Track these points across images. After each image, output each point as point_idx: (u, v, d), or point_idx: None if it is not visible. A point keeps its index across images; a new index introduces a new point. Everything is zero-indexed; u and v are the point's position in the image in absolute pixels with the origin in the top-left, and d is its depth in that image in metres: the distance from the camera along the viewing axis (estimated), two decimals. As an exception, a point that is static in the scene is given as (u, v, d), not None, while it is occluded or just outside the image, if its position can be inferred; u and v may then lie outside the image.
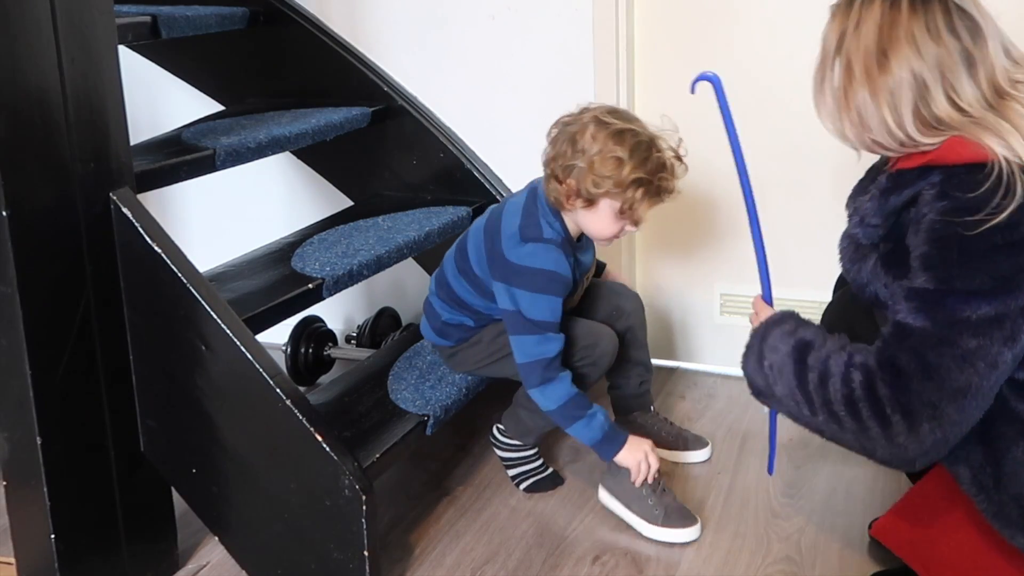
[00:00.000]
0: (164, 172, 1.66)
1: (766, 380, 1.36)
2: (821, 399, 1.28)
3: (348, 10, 2.38)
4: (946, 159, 1.21)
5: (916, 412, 1.20)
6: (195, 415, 1.51)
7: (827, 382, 1.27)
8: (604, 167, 1.60)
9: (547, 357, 1.65)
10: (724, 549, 1.66)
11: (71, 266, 1.43)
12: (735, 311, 2.33)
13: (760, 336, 1.40)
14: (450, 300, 1.83)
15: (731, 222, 2.28)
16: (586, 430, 1.67)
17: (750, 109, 2.19)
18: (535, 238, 1.67)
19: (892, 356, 1.22)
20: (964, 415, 1.20)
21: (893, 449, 1.23)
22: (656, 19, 2.23)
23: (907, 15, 1.21)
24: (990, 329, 1.17)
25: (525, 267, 1.65)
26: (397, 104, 2.24)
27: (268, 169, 2.49)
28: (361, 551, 1.44)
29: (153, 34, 1.80)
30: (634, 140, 1.62)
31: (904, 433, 1.21)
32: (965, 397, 1.19)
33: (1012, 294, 1.17)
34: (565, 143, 1.64)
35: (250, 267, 1.84)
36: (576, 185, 1.62)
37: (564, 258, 1.67)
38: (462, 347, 1.85)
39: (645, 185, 1.62)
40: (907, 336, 1.21)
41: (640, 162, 1.61)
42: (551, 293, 1.65)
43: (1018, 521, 1.25)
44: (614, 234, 1.68)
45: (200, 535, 1.71)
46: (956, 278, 1.18)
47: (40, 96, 1.36)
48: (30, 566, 1.50)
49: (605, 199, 1.63)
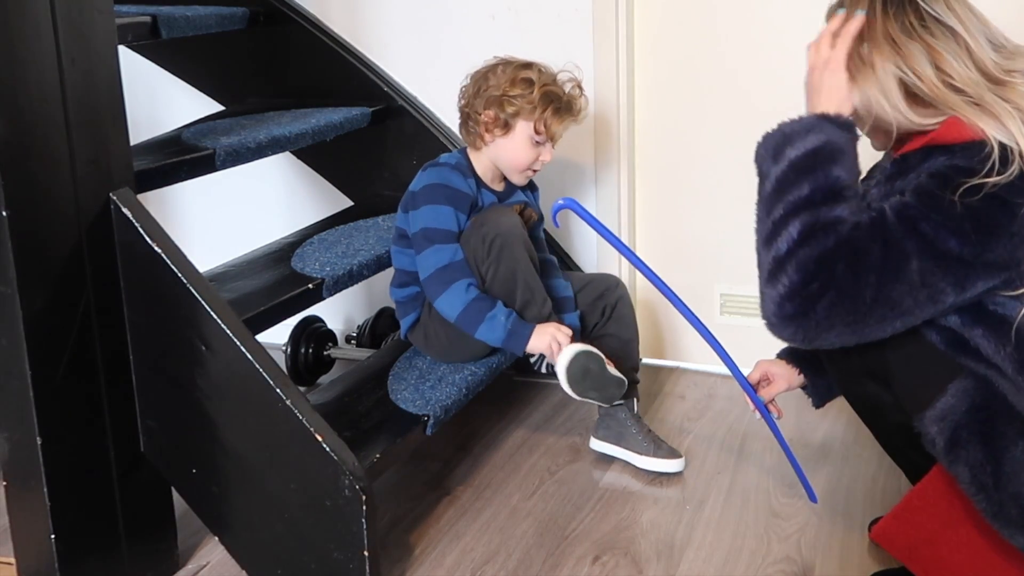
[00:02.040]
0: (164, 172, 1.66)
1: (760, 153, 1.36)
2: (782, 210, 1.27)
3: (348, 10, 2.38)
4: (946, 138, 1.25)
5: (837, 284, 1.20)
6: (195, 415, 1.51)
7: (790, 188, 1.27)
8: (516, 88, 1.79)
9: (439, 265, 1.77)
10: (724, 549, 1.66)
11: (71, 266, 1.43)
12: (735, 311, 2.33)
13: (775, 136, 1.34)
14: (395, 279, 1.94)
15: (731, 222, 2.28)
16: (490, 332, 1.76)
17: (750, 108, 2.19)
18: (430, 164, 1.88)
19: (857, 237, 1.22)
20: (881, 327, 1.22)
21: (787, 296, 1.22)
22: (656, 19, 2.24)
23: (880, 19, 1.29)
24: (947, 265, 1.20)
25: (420, 189, 1.84)
26: (397, 104, 2.24)
27: (268, 169, 2.49)
28: (361, 551, 1.44)
29: (153, 34, 1.80)
30: (538, 68, 1.83)
31: (810, 280, 1.21)
32: (894, 315, 1.22)
33: (980, 245, 1.19)
34: (477, 84, 1.85)
35: (250, 267, 1.85)
36: (493, 113, 1.81)
37: (458, 176, 1.83)
38: (423, 319, 1.89)
39: (555, 100, 1.80)
40: (881, 221, 1.22)
41: (548, 82, 1.81)
42: (439, 203, 1.80)
43: (1018, 520, 1.25)
44: (530, 163, 1.84)
45: (200, 535, 1.71)
46: (936, 206, 1.21)
47: (40, 96, 1.36)
48: (30, 566, 1.50)
49: (520, 121, 1.80)
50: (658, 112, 2.29)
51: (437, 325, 1.86)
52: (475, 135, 1.85)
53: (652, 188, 2.34)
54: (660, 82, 2.27)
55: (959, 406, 1.28)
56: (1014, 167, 1.19)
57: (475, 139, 1.86)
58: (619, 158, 2.28)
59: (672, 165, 2.31)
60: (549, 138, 1.83)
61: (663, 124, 2.29)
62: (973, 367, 1.28)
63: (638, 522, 1.75)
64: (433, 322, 1.87)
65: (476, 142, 1.86)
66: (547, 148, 1.85)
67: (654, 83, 2.27)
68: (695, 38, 2.22)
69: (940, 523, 1.38)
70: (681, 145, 2.28)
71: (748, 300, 2.31)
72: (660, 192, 2.33)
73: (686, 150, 2.28)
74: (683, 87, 2.26)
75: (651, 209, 2.35)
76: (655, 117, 2.30)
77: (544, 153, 1.84)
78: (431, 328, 1.89)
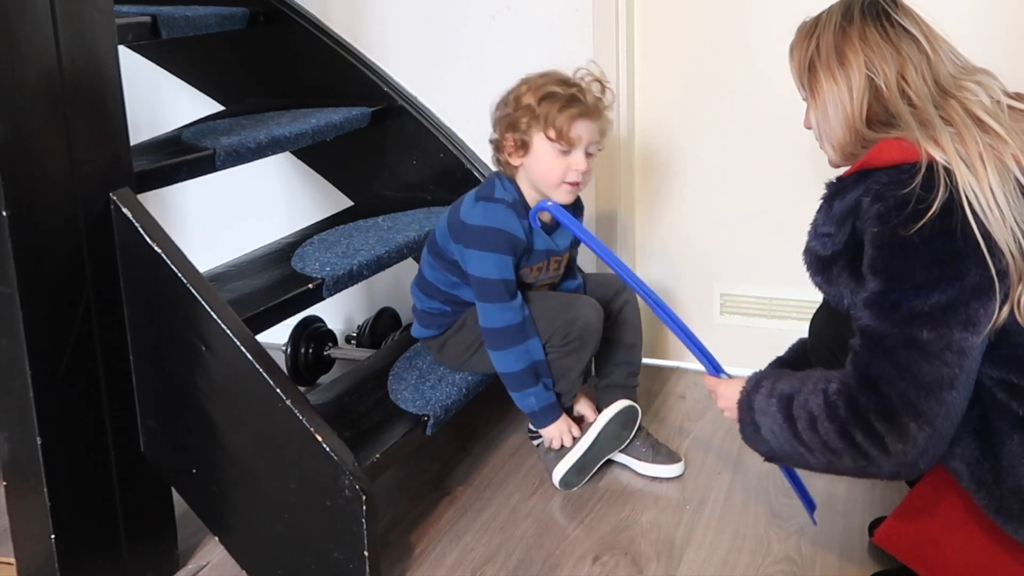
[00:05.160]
0: (164, 172, 1.66)
1: (768, 445, 1.40)
2: (819, 442, 1.31)
3: (348, 10, 2.38)
4: (877, 162, 1.29)
5: (899, 414, 1.24)
6: (195, 415, 1.51)
7: (816, 425, 1.31)
8: (520, 103, 1.74)
9: (507, 324, 1.75)
10: (724, 549, 1.66)
11: (71, 266, 1.43)
12: (735, 311, 2.33)
13: (746, 407, 1.44)
14: (422, 286, 1.91)
15: (731, 222, 2.28)
16: (520, 400, 1.81)
17: (750, 108, 2.20)
18: (487, 197, 1.79)
19: (865, 367, 1.27)
20: (946, 406, 1.24)
21: (894, 459, 1.26)
22: (656, 19, 2.24)
23: (859, 23, 1.35)
24: (945, 316, 1.22)
25: (475, 225, 1.76)
26: (397, 104, 2.24)
27: (268, 169, 2.49)
28: (361, 551, 1.44)
29: (153, 34, 1.80)
30: (540, 75, 1.76)
31: (896, 440, 1.24)
32: (942, 389, 1.23)
33: (956, 279, 1.21)
34: (496, 112, 1.79)
35: (250, 267, 1.85)
36: (511, 137, 1.75)
37: (514, 218, 1.76)
38: (448, 335, 1.89)
39: (556, 100, 1.71)
40: (874, 341, 1.26)
41: (543, 83, 1.74)
42: (498, 251, 1.74)
43: (1020, 515, 1.26)
44: (562, 174, 1.73)
45: (200, 535, 1.71)
46: (901, 275, 1.24)
47: (40, 96, 1.36)
48: (30, 566, 1.50)
49: (534, 135, 1.73)
50: (658, 111, 2.29)
51: (457, 344, 1.87)
52: (506, 164, 1.79)
53: (652, 188, 2.34)
54: (660, 81, 2.27)
55: None
56: (940, 186, 1.22)
57: (507, 168, 1.79)
58: (619, 158, 2.28)
59: (672, 165, 2.31)
60: (571, 143, 1.71)
61: (663, 123, 2.29)
62: None
63: (638, 522, 1.75)
64: (454, 342, 1.88)
65: (510, 170, 1.79)
66: (578, 156, 1.72)
67: (654, 82, 2.27)
68: (695, 38, 2.22)
69: (942, 522, 1.38)
70: (681, 145, 2.28)
71: (748, 300, 2.32)
72: (660, 192, 2.33)
73: (686, 150, 2.28)
74: (683, 86, 2.26)
75: (651, 209, 2.35)
76: (655, 116, 2.30)
77: (575, 162, 1.72)
78: (450, 345, 1.89)
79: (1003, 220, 1.21)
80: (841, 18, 1.37)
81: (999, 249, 1.21)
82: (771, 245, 2.24)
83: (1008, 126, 1.27)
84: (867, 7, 1.36)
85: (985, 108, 1.29)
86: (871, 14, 1.35)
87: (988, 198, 1.21)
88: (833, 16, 1.38)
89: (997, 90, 1.33)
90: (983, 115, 1.27)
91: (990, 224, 1.21)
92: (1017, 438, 1.25)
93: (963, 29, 1.45)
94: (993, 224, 1.21)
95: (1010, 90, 1.35)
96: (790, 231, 2.17)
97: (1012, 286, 1.24)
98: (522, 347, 1.77)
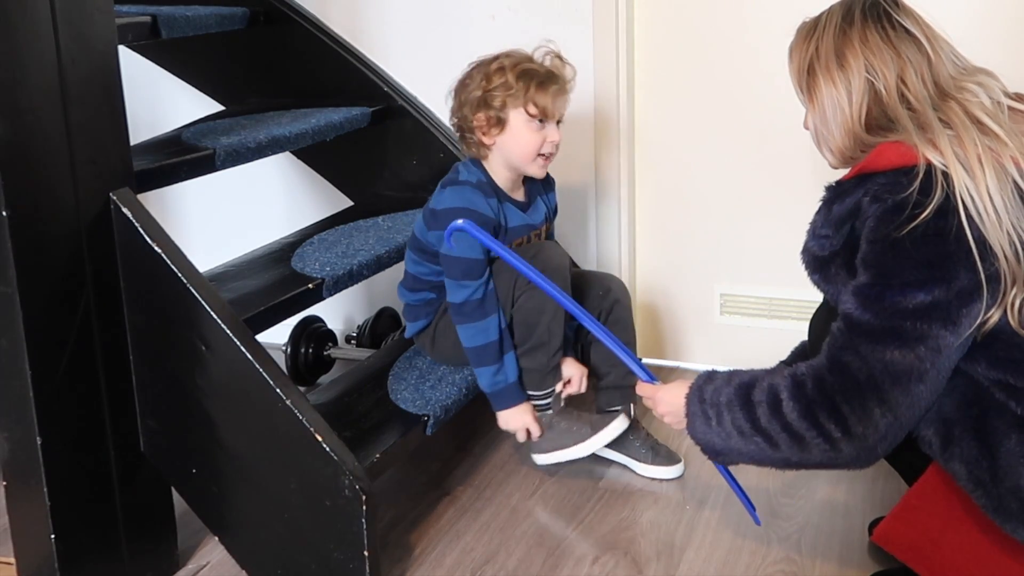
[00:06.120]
0: (164, 172, 1.66)
1: (720, 436, 1.40)
2: (779, 425, 1.32)
3: (348, 10, 2.38)
4: (875, 165, 1.30)
5: (865, 397, 1.26)
6: (195, 415, 1.51)
7: (779, 406, 1.32)
8: (493, 81, 1.77)
9: (469, 299, 1.77)
10: (724, 549, 1.66)
11: (71, 266, 1.43)
12: (735, 311, 2.33)
13: (696, 398, 1.44)
14: (407, 283, 1.93)
15: (731, 222, 2.28)
16: (480, 377, 1.81)
17: (750, 108, 2.20)
18: (451, 181, 1.84)
19: (839, 350, 1.29)
20: (911, 398, 1.26)
21: (855, 442, 1.28)
22: (656, 19, 2.24)
23: (859, 25, 1.35)
24: (927, 314, 1.24)
25: (443, 209, 1.80)
26: (397, 104, 2.24)
27: (268, 169, 2.49)
28: (361, 551, 1.44)
29: (153, 34, 1.80)
30: (506, 54, 1.81)
31: (858, 422, 1.27)
32: (910, 380, 1.25)
33: (944, 281, 1.23)
34: (457, 95, 1.83)
35: (250, 267, 1.85)
36: (483, 114, 1.78)
37: (480, 197, 1.80)
38: (435, 323, 1.90)
39: (534, 76, 1.77)
40: (853, 327, 1.28)
41: (518, 61, 1.79)
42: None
43: (1018, 514, 1.26)
44: (538, 147, 1.79)
45: (200, 535, 1.71)
46: (891, 272, 1.26)
47: (40, 96, 1.36)
48: (30, 566, 1.50)
49: (510, 111, 1.77)
50: (658, 111, 2.29)
51: (446, 333, 1.88)
52: (476, 144, 1.82)
53: (652, 188, 2.34)
54: (660, 81, 2.27)
55: (948, 403, 1.30)
56: (938, 189, 1.22)
57: (478, 148, 1.82)
58: (619, 157, 2.28)
59: (672, 165, 2.31)
60: (547, 116, 1.78)
61: (663, 123, 2.29)
62: (959, 365, 1.30)
63: (638, 522, 1.75)
64: (442, 330, 1.89)
65: (481, 151, 1.83)
66: (551, 127, 1.80)
67: (654, 82, 2.27)
68: (695, 37, 2.22)
69: (941, 522, 1.38)
70: (681, 145, 2.28)
71: (748, 300, 2.32)
72: (660, 192, 2.33)
73: (686, 150, 2.28)
74: (683, 86, 2.26)
75: (651, 209, 2.35)
76: (655, 116, 2.30)
77: (550, 133, 1.79)
78: (439, 334, 1.90)
79: (999, 223, 1.22)
80: (841, 20, 1.36)
81: (993, 252, 1.22)
82: (771, 245, 2.24)
83: (1008, 128, 1.27)
84: (868, 8, 1.35)
85: (985, 109, 1.29)
86: (872, 15, 1.35)
87: (985, 201, 1.22)
88: (833, 17, 1.38)
89: (997, 91, 1.33)
90: (983, 117, 1.28)
91: (985, 227, 1.21)
92: (1015, 438, 1.25)
93: (963, 29, 1.45)
94: (989, 227, 1.21)
95: (1010, 90, 1.35)
96: (790, 231, 2.17)
97: (1005, 290, 1.24)
98: (482, 323, 1.78)
